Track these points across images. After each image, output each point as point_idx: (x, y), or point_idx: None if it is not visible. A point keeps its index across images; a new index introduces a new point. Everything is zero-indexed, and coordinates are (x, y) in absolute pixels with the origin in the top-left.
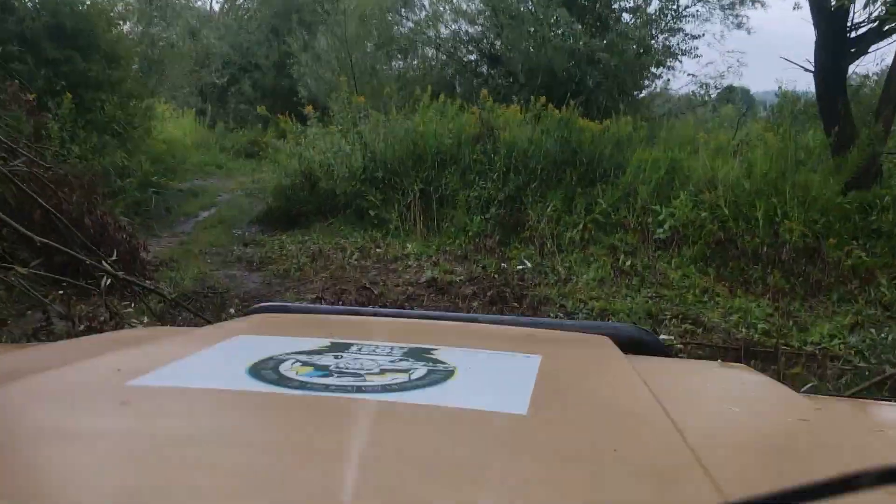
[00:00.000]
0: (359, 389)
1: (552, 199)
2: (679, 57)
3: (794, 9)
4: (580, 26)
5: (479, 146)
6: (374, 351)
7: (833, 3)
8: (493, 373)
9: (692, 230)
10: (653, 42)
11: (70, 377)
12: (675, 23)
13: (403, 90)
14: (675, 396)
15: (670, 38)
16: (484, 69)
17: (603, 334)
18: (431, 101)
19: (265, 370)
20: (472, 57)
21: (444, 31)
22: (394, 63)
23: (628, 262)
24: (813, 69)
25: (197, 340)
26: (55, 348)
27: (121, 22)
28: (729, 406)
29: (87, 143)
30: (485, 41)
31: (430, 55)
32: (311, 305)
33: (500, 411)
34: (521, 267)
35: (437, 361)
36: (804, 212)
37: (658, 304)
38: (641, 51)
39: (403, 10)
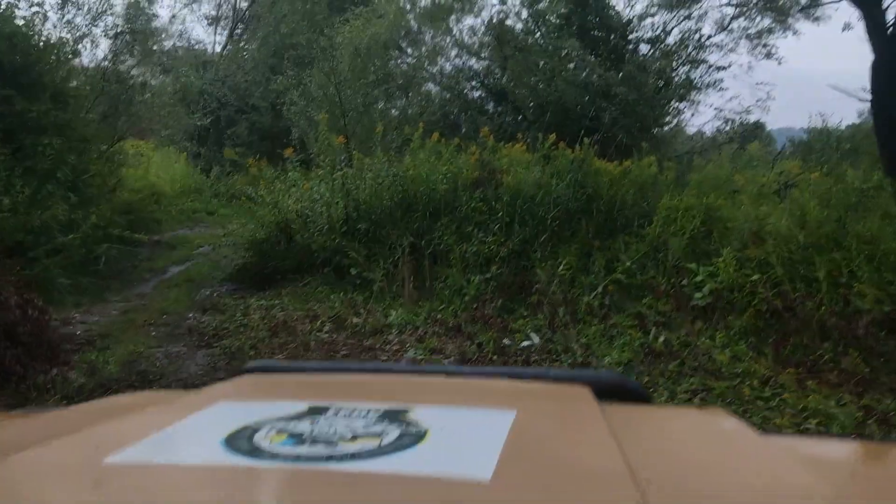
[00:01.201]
0: (329, 458)
1: (565, 255)
2: (703, 90)
3: (844, 30)
4: (594, 58)
5: (478, 192)
6: (350, 414)
7: (892, 25)
8: (464, 433)
9: (739, 295)
10: (673, 75)
11: (49, 456)
12: (697, 54)
13: (399, 129)
14: (647, 448)
15: (692, 71)
16: (490, 106)
17: (584, 383)
18: (424, 140)
19: (240, 440)
20: (477, 93)
21: (446, 66)
22: (393, 101)
23: (661, 339)
24: (870, 98)
25: (179, 408)
26: (41, 420)
27: (71, 56)
28: (697, 454)
29: (22, 194)
30: (490, 76)
31: (432, 92)
32: (301, 364)
33: (462, 478)
34: (526, 343)
35: (409, 423)
36: (875, 271)
37: (706, 403)
38: (661, 84)
39: (404, 43)
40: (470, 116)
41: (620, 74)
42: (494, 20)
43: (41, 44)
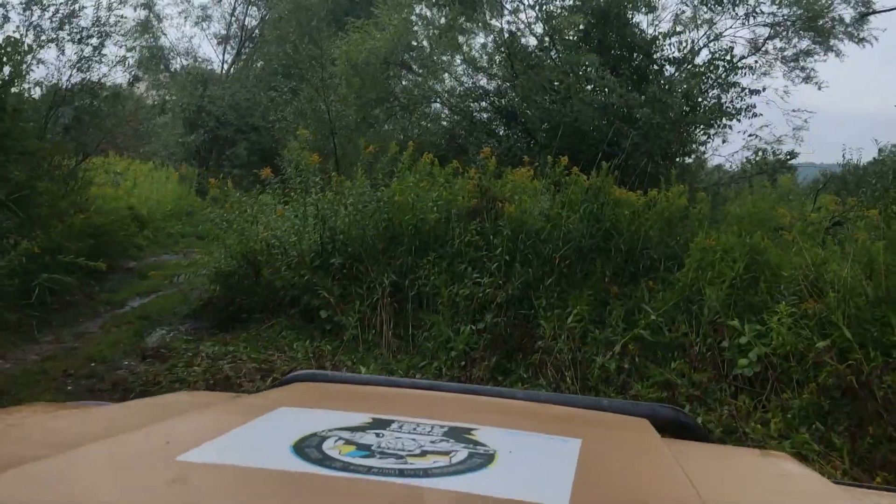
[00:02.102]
0: (400, 473)
1: (575, 303)
2: (735, 116)
3: None
4: (614, 77)
5: (474, 224)
6: (414, 429)
7: None
8: (533, 458)
9: (797, 365)
10: (701, 99)
11: (121, 448)
12: (728, 76)
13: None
14: (713, 485)
15: (723, 94)
16: (499, 128)
17: (641, 416)
18: (413, 161)
19: (309, 448)
20: (486, 114)
21: (451, 83)
22: (394, 121)
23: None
24: None
25: (241, 411)
26: (104, 413)
27: (19, 58)
28: (766, 496)
29: None
30: (500, 95)
31: (439, 112)
32: (349, 375)
33: (540, 503)
34: None
35: (477, 443)
36: None
37: None
38: (688, 108)
39: (407, 58)
40: (476, 138)
41: (643, 96)
42: (506, 35)
43: None
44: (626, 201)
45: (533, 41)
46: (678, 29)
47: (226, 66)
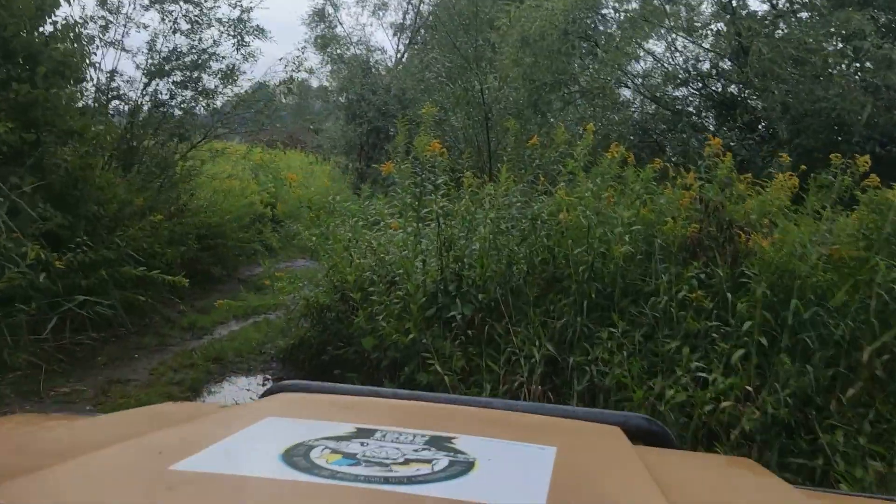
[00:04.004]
0: (386, 480)
1: None
2: None
3: None
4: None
5: (695, 267)
6: (397, 438)
7: None
8: (511, 465)
9: None
10: None
11: (114, 459)
12: None
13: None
14: (680, 490)
15: None
16: (709, 120)
17: (613, 424)
18: (595, 159)
19: (297, 457)
20: (695, 103)
21: (647, 64)
22: (570, 110)
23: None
24: None
25: (230, 422)
26: (92, 424)
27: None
28: (729, 499)
29: None
30: (714, 78)
31: (627, 101)
32: (332, 385)
33: None
34: None
35: (457, 451)
36: None
37: None
38: None
39: (592, 30)
40: (678, 134)
41: None
42: None
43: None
44: None
45: (762, 7)
46: None
47: (398, 56)
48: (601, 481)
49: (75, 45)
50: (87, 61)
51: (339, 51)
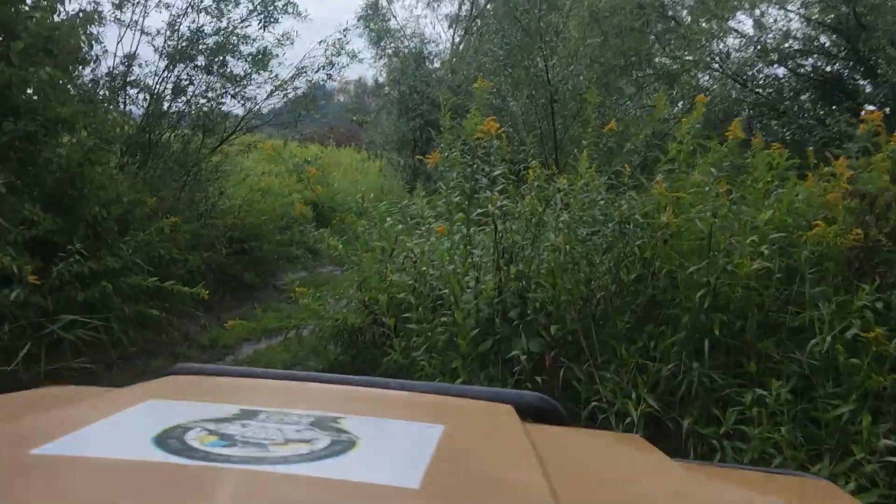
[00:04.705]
0: (259, 461)
1: None
2: None
3: None
4: None
5: (863, 295)
6: (282, 419)
7: None
8: (394, 444)
9: None
10: None
11: None
12: None
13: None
14: (566, 466)
15: None
16: (805, 101)
17: (507, 402)
18: (726, 135)
19: (171, 439)
20: (789, 84)
21: (733, 41)
22: (642, 96)
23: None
24: None
25: (107, 404)
26: None
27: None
28: (608, 472)
29: None
30: (809, 53)
31: (707, 86)
32: (227, 367)
33: (391, 485)
34: None
35: (341, 431)
36: None
37: None
38: None
39: (672, 4)
40: (767, 119)
41: None
42: None
43: None
44: None
45: None
46: None
47: (453, 48)
48: (483, 458)
49: (77, 19)
50: (95, 41)
51: (392, 44)
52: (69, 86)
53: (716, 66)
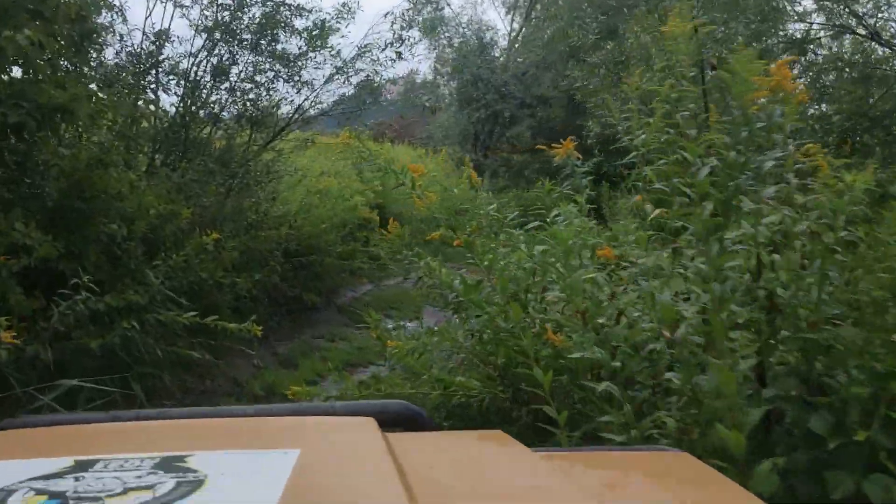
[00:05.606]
0: None
1: None
2: None
3: None
4: None
5: None
6: (121, 466)
7: None
8: (245, 478)
9: None
10: None
11: None
12: None
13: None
14: (424, 472)
15: None
16: None
17: (370, 415)
18: None
19: None
20: None
21: None
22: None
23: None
24: None
25: None
26: None
27: None
28: (470, 472)
29: None
30: None
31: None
32: (62, 416)
33: None
34: None
35: (188, 470)
36: None
37: None
38: None
39: None
40: None
41: None
42: None
43: None
44: None
45: None
46: None
47: (513, 35)
48: (340, 478)
49: None
50: (105, 6)
51: (447, 34)
52: (76, 65)
53: (863, 27)
